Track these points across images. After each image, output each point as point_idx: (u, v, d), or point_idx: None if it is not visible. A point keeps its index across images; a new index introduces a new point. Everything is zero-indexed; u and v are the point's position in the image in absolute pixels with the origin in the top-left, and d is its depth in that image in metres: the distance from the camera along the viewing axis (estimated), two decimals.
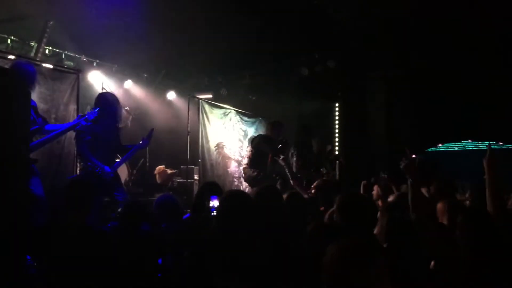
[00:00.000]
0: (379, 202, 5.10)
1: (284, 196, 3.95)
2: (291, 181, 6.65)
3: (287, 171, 6.96)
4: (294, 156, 8.25)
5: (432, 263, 3.27)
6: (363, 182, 5.84)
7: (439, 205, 4.04)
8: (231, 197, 3.13)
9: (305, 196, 4.84)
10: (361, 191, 5.32)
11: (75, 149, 6.73)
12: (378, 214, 3.36)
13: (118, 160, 5.93)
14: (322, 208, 4.48)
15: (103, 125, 5.49)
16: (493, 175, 3.41)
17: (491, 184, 3.40)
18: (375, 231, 3.26)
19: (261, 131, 10.17)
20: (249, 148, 8.22)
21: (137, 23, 7.85)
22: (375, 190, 5.40)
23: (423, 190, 5.02)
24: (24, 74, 4.88)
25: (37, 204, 4.68)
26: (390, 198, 4.76)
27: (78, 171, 6.77)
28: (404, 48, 8.96)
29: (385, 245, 3.17)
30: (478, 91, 10.25)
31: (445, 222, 3.70)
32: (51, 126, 5.31)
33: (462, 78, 10.45)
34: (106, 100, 5.58)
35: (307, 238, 2.96)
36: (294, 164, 8.24)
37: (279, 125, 7.94)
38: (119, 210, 4.97)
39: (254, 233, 2.91)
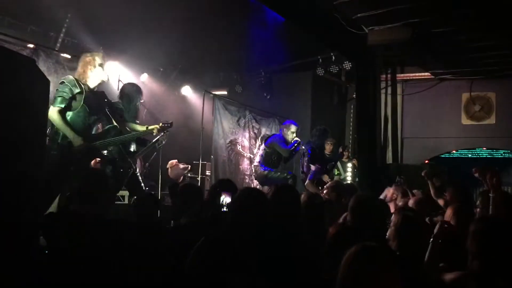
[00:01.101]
0: (391, 205, 5.09)
1: (302, 196, 3.93)
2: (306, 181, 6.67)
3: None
4: (307, 155, 8.25)
5: (441, 264, 3.25)
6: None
7: (448, 210, 4.03)
8: (247, 194, 3.11)
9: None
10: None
11: None
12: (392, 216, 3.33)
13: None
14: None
15: (127, 114, 5.76)
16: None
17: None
18: (387, 234, 3.24)
19: (275, 130, 10.18)
20: (262, 146, 8.23)
21: (155, 17, 7.89)
22: (390, 192, 5.40)
23: (440, 201, 5.01)
24: None
25: None
26: (410, 202, 4.75)
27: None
28: (420, 51, 8.90)
29: (396, 247, 3.15)
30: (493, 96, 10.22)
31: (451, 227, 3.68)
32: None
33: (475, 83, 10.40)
34: (130, 91, 5.93)
35: (327, 241, 2.95)
36: (306, 163, 8.25)
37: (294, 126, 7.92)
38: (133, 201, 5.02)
39: (268, 231, 2.91)
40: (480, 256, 2.64)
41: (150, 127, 5.42)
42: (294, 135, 7.78)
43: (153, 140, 5.83)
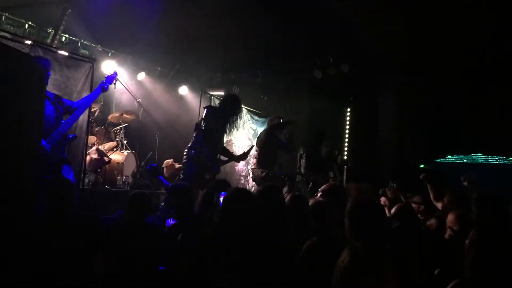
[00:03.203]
0: (387, 209, 5.08)
1: (288, 197, 3.93)
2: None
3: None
4: (303, 157, 8.26)
5: (436, 271, 3.25)
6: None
7: (449, 216, 4.02)
8: (235, 195, 3.10)
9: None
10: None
11: (85, 137, 6.78)
12: None
13: None
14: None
15: (217, 123, 6.14)
16: None
17: None
18: None
19: None
20: (255, 148, 8.22)
21: (154, 16, 7.88)
22: (382, 200, 5.39)
23: (439, 204, 5.02)
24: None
25: None
26: (392, 210, 4.76)
27: (87, 159, 6.85)
28: (418, 55, 8.91)
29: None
30: (492, 104, 10.20)
31: (453, 233, 3.68)
32: (78, 103, 5.68)
33: (476, 88, 10.39)
34: (230, 103, 6.33)
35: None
36: (303, 165, 8.25)
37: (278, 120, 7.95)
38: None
39: (254, 231, 2.90)
40: (478, 263, 2.63)
41: None
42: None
43: None
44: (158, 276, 3.59)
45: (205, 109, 6.16)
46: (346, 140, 11.58)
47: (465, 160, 11.36)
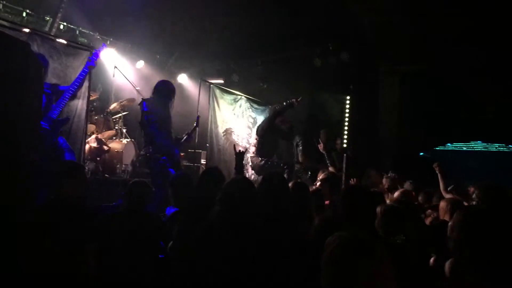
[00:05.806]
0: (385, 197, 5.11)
1: (290, 184, 3.93)
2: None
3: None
4: (300, 145, 8.26)
5: (432, 259, 3.27)
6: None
7: (442, 203, 4.05)
8: (235, 184, 3.09)
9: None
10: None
11: (84, 126, 6.77)
12: None
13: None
14: (327, 202, 4.46)
15: (164, 110, 6.14)
16: None
17: None
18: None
19: None
20: (255, 137, 8.22)
21: (153, 4, 7.84)
22: (384, 181, 5.43)
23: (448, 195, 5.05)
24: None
25: None
26: (396, 194, 4.80)
27: (86, 147, 6.86)
28: (419, 43, 8.88)
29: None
30: (492, 92, 10.19)
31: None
32: (63, 87, 5.88)
33: (476, 77, 10.36)
34: (163, 89, 6.32)
35: (312, 231, 2.94)
36: (300, 154, 8.26)
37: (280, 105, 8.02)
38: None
39: (256, 220, 2.89)
40: (463, 245, 2.63)
41: None
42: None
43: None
44: (157, 264, 3.61)
45: (142, 103, 6.13)
46: (346, 128, 11.57)
47: (464, 148, 11.36)
